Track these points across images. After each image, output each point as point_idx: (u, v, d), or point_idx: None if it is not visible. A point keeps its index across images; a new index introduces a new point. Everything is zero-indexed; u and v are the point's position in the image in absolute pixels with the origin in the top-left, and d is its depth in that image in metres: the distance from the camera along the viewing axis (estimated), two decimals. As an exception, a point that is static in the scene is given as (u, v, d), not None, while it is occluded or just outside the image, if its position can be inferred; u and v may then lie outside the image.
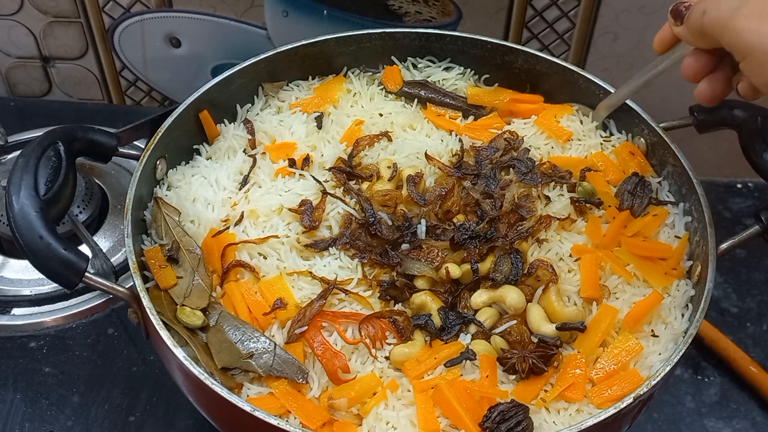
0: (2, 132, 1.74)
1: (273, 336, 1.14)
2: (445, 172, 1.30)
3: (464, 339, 1.15)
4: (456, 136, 1.37)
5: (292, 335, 1.12)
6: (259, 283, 1.18)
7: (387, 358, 1.13)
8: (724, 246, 1.21)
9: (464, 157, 1.33)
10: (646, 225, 1.26)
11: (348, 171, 1.30)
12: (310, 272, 1.19)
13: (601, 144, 1.37)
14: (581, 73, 1.41)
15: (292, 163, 1.32)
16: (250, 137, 1.38)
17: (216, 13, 1.76)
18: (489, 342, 1.15)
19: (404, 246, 1.22)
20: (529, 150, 1.33)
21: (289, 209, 1.24)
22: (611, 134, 1.40)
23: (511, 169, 1.30)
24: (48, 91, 1.95)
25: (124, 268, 1.54)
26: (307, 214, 1.24)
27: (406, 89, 1.44)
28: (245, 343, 1.12)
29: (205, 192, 1.29)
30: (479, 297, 1.18)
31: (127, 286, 1.14)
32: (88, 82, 1.92)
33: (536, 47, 1.71)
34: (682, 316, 1.18)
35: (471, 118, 1.41)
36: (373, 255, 1.21)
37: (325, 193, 1.27)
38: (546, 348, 1.12)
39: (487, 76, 1.49)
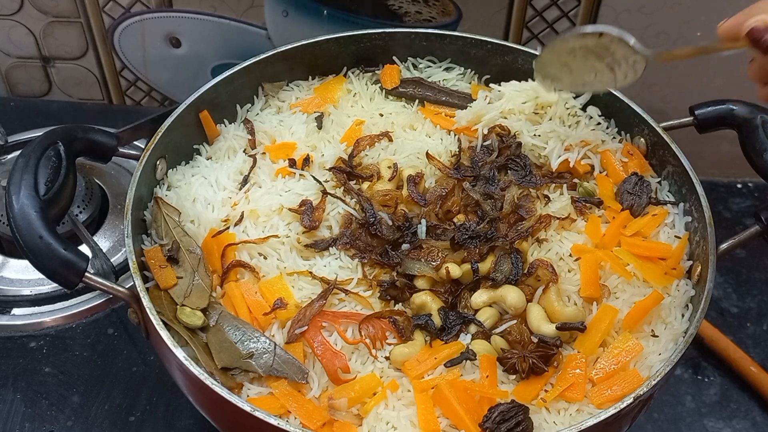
0: (2, 132, 1.74)
1: (273, 336, 1.14)
2: (444, 173, 1.30)
3: (464, 339, 1.15)
4: (455, 135, 1.37)
5: (292, 335, 1.12)
6: (259, 283, 1.18)
7: (387, 358, 1.13)
8: (724, 246, 1.21)
9: (461, 158, 1.33)
10: (646, 225, 1.26)
11: (348, 171, 1.30)
12: (310, 272, 1.19)
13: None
14: (581, 73, 1.41)
15: (292, 163, 1.32)
16: (250, 137, 1.38)
17: (216, 13, 1.76)
18: (489, 342, 1.15)
19: (404, 246, 1.22)
20: (521, 144, 1.33)
21: (290, 209, 1.24)
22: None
23: (508, 170, 1.30)
24: (48, 91, 1.95)
25: (124, 268, 1.54)
26: (307, 214, 1.24)
27: (401, 88, 1.44)
28: (245, 343, 1.12)
29: (205, 192, 1.29)
30: (479, 297, 1.18)
31: (127, 286, 1.14)
32: (88, 82, 1.92)
33: (536, 47, 1.71)
34: (682, 316, 1.18)
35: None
36: (373, 255, 1.21)
37: (325, 193, 1.27)
38: (546, 348, 1.12)
39: (488, 76, 1.49)
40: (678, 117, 1.36)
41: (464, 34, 1.48)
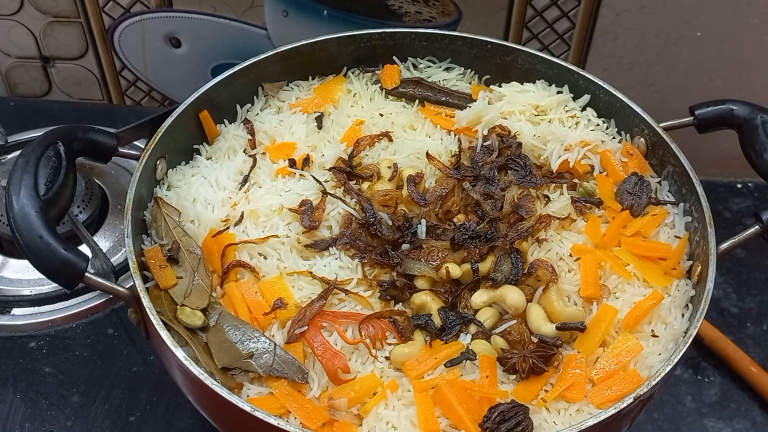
0: (2, 132, 1.74)
1: (273, 336, 1.14)
2: (444, 173, 1.30)
3: (464, 339, 1.15)
4: (455, 136, 1.37)
5: (292, 335, 1.12)
6: (259, 283, 1.18)
7: (387, 358, 1.13)
8: (724, 246, 1.21)
9: (462, 158, 1.33)
10: (646, 225, 1.26)
11: (348, 171, 1.30)
12: (310, 272, 1.19)
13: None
14: (581, 73, 1.41)
15: (292, 163, 1.32)
16: (250, 137, 1.38)
17: (216, 13, 1.76)
18: (489, 342, 1.15)
19: (404, 246, 1.22)
20: (521, 144, 1.33)
21: (290, 209, 1.24)
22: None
23: (508, 170, 1.30)
24: (48, 91, 1.95)
25: (124, 268, 1.54)
26: (308, 214, 1.24)
27: (401, 88, 1.44)
28: (245, 343, 1.12)
29: (205, 192, 1.29)
30: (479, 297, 1.18)
31: (127, 286, 1.14)
32: (88, 82, 1.92)
33: (536, 47, 1.71)
34: (682, 316, 1.18)
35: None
36: (373, 255, 1.21)
37: (325, 193, 1.27)
38: (546, 348, 1.12)
39: (488, 76, 1.49)
40: (678, 117, 1.36)
41: (464, 34, 1.47)
